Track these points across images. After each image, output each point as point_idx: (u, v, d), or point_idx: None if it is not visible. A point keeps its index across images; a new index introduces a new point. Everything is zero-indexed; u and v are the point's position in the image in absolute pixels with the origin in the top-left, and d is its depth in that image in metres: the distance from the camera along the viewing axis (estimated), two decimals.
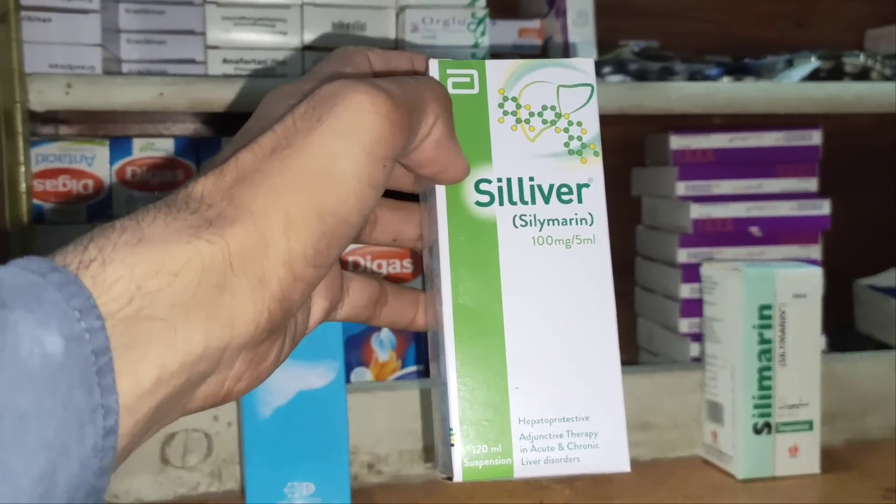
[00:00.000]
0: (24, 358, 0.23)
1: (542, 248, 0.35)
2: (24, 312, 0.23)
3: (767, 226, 0.89)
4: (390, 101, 0.30)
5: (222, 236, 0.27)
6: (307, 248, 0.29)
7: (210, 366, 0.28)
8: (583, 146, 0.36)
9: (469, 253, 0.35)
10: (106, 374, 0.24)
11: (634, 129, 0.97)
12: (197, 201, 0.28)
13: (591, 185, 0.36)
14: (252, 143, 0.30)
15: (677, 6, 1.03)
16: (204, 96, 0.72)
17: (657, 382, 0.80)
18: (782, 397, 0.76)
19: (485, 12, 0.80)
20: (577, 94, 0.37)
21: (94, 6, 0.73)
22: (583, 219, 0.35)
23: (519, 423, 0.34)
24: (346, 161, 0.29)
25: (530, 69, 0.36)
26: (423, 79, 0.34)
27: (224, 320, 0.27)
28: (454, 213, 0.35)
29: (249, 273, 0.28)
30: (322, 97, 0.30)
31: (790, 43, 1.00)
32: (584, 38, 0.86)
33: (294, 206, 0.29)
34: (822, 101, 0.84)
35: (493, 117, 0.36)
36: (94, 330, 0.24)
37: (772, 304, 0.75)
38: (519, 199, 0.35)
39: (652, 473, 0.77)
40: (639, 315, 0.99)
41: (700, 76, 0.86)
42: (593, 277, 0.35)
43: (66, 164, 0.77)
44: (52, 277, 0.24)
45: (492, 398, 0.34)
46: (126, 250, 0.26)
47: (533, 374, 0.34)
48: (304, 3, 0.79)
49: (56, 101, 0.69)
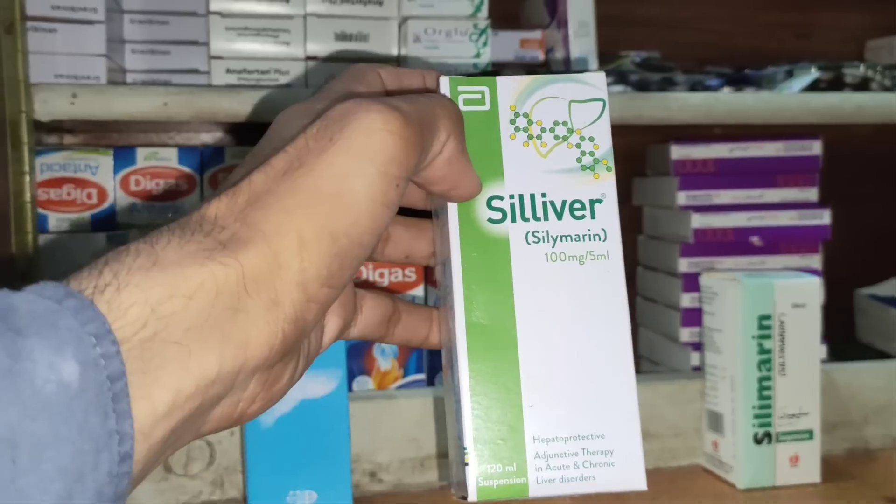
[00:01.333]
0: (40, 385, 0.23)
1: (555, 264, 0.35)
2: (40, 339, 0.23)
3: (768, 235, 0.89)
4: (403, 119, 0.30)
5: (236, 258, 0.27)
6: (321, 269, 0.29)
7: (224, 388, 0.28)
8: (595, 161, 0.36)
9: (482, 270, 0.35)
10: (121, 400, 0.24)
11: (636, 140, 0.97)
12: (210, 223, 0.28)
13: (603, 200, 0.36)
14: (265, 164, 0.30)
15: (678, 17, 1.04)
16: (207, 106, 0.73)
17: (658, 391, 0.81)
18: (782, 407, 0.76)
19: (487, 23, 0.81)
20: (589, 109, 0.36)
21: (100, 17, 0.74)
22: (596, 234, 0.35)
23: (534, 441, 0.34)
24: (359, 181, 0.29)
25: (542, 85, 0.36)
26: (435, 96, 0.34)
27: (238, 343, 0.27)
28: (466, 230, 0.35)
29: (263, 295, 0.28)
30: (334, 117, 0.30)
31: (791, 54, 1.01)
32: (586, 48, 0.87)
33: (307, 227, 0.29)
34: (823, 112, 0.85)
35: (504, 134, 0.36)
36: (109, 355, 0.24)
37: (771, 314, 0.75)
38: (531, 216, 0.35)
39: (653, 482, 0.77)
40: (640, 324, 0.99)
41: (701, 87, 0.86)
42: (607, 293, 0.35)
43: (70, 174, 0.77)
44: (68, 303, 0.24)
45: (506, 416, 0.34)
46: (141, 274, 0.26)
47: (547, 392, 0.34)
48: (307, 14, 0.80)
49: (61, 111, 0.70)
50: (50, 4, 0.73)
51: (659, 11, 1.03)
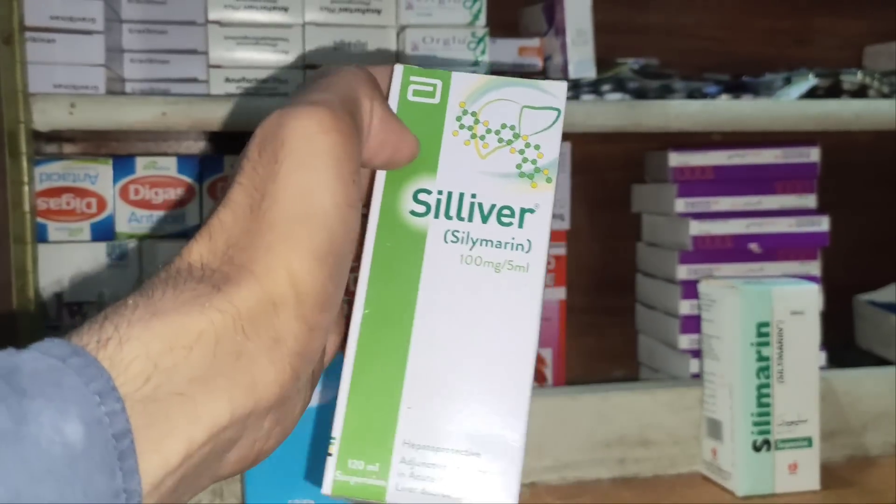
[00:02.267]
0: (45, 447, 0.23)
1: (468, 267, 0.33)
2: (44, 401, 0.23)
3: (767, 242, 0.89)
4: (330, 112, 0.30)
5: (231, 302, 0.27)
6: (317, 296, 0.29)
7: (236, 432, 0.28)
8: (536, 170, 0.34)
9: (392, 261, 0.33)
10: (128, 458, 0.24)
11: (634, 147, 0.97)
12: (199, 270, 0.28)
13: (536, 210, 0.34)
14: (227, 201, 0.30)
15: (676, 24, 1.04)
16: (206, 115, 0.73)
17: (657, 399, 0.81)
18: (781, 414, 0.76)
19: (485, 31, 0.81)
20: (542, 116, 0.35)
21: (98, 27, 0.74)
22: (519, 244, 0.34)
23: (403, 445, 0.32)
24: (320, 194, 0.29)
25: (497, 86, 0.35)
26: (343, 71, 0.33)
27: (246, 386, 0.27)
28: (386, 219, 0.34)
29: (263, 335, 0.28)
30: (267, 135, 0.30)
31: (789, 60, 1.01)
32: (584, 56, 0.87)
33: (293, 259, 0.29)
34: (821, 119, 0.85)
35: (448, 129, 0.35)
36: (114, 413, 0.24)
37: (769, 321, 0.75)
38: (455, 215, 0.34)
39: (652, 490, 0.78)
40: (639, 331, 0.99)
41: (699, 94, 0.87)
42: (518, 306, 0.33)
43: (69, 183, 0.77)
44: (73, 361, 0.24)
45: (381, 413, 0.32)
46: (141, 327, 0.26)
47: (430, 398, 0.32)
48: (305, 23, 0.80)
49: (60, 121, 0.70)
50: (49, 15, 0.73)
51: (657, 18, 1.03)
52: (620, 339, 1.01)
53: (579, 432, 0.79)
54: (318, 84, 0.32)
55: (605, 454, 0.80)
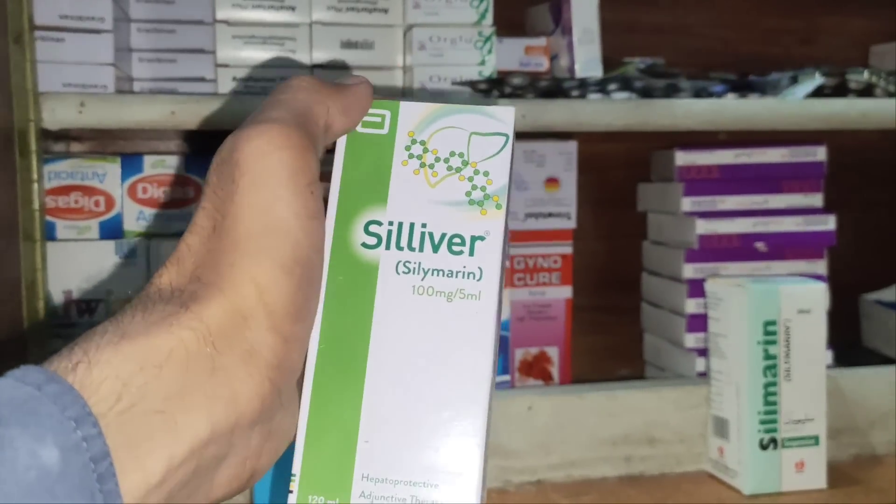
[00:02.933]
0: (21, 473, 0.23)
1: (421, 298, 0.33)
2: (20, 428, 0.23)
3: (773, 241, 0.89)
4: (281, 127, 0.30)
5: (200, 319, 0.28)
6: (287, 307, 0.29)
7: (221, 448, 0.28)
8: (485, 197, 0.34)
9: (345, 294, 0.33)
10: (107, 480, 0.24)
11: (640, 146, 0.97)
12: (168, 292, 0.29)
13: (486, 238, 0.33)
14: (192, 225, 0.30)
15: (683, 23, 1.04)
16: (214, 115, 0.73)
17: (663, 397, 0.81)
18: (788, 412, 0.76)
19: (491, 30, 0.81)
20: (490, 143, 0.34)
21: (107, 26, 0.75)
22: (471, 273, 0.33)
23: (362, 479, 0.32)
24: (278, 207, 0.30)
25: (445, 114, 0.35)
26: (290, 85, 0.33)
27: (225, 400, 0.27)
28: (338, 252, 0.33)
29: (236, 348, 0.28)
30: (224, 159, 0.31)
31: (795, 59, 1.01)
32: (590, 55, 0.87)
33: (259, 271, 0.29)
34: (827, 118, 0.85)
35: (397, 160, 0.34)
36: (90, 437, 0.24)
37: (776, 319, 0.75)
38: (406, 245, 0.33)
39: (658, 488, 0.78)
40: (645, 330, 0.99)
41: (705, 93, 0.87)
42: (472, 336, 0.33)
43: (78, 181, 0.78)
44: (49, 389, 0.24)
45: (339, 448, 0.32)
46: (110, 350, 0.26)
47: (386, 430, 0.32)
48: (312, 23, 0.80)
49: (69, 120, 0.70)
50: (58, 14, 0.73)
51: (663, 18, 1.03)
52: (626, 338, 1.01)
53: (585, 430, 0.79)
54: (269, 103, 0.32)
55: (612, 452, 0.80)
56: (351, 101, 0.34)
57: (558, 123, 0.79)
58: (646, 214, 0.99)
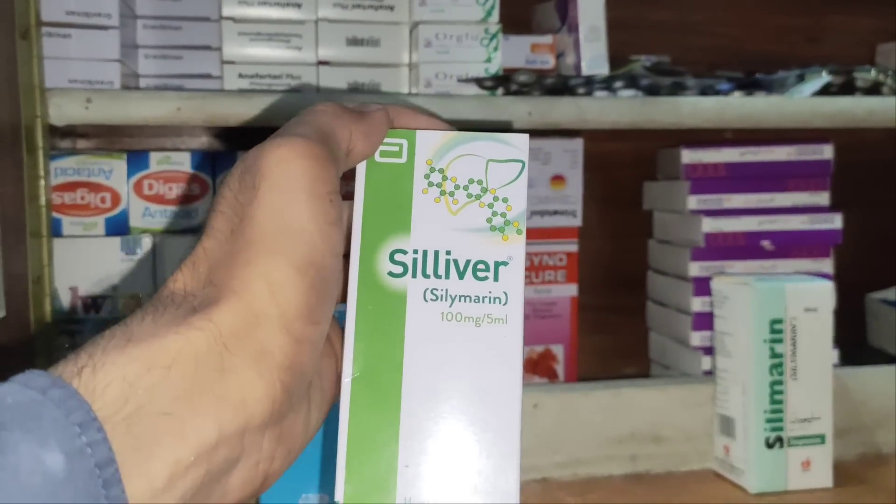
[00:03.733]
0: (24, 478, 0.23)
1: (450, 324, 0.34)
2: (24, 433, 0.23)
3: (779, 240, 0.89)
4: (305, 141, 0.31)
5: (210, 319, 0.28)
6: (300, 307, 0.29)
7: (232, 451, 0.28)
8: (506, 223, 0.35)
9: (376, 323, 0.34)
10: (113, 486, 0.24)
11: (645, 145, 0.97)
12: (181, 296, 0.29)
13: (509, 263, 0.35)
14: (209, 230, 0.30)
15: (689, 21, 1.04)
16: (220, 111, 0.73)
17: (669, 396, 0.81)
18: (794, 411, 0.76)
19: (498, 28, 0.81)
20: (507, 169, 0.35)
21: (114, 22, 0.75)
22: (497, 297, 0.34)
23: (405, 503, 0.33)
24: (296, 210, 0.30)
25: (462, 142, 0.35)
26: (315, 109, 0.34)
27: (234, 402, 0.27)
28: (365, 282, 0.34)
29: (248, 349, 0.28)
30: (248, 166, 0.31)
31: (801, 58, 1.01)
32: (597, 53, 0.87)
33: (272, 271, 0.29)
34: (834, 116, 0.85)
35: (417, 188, 0.35)
36: (95, 443, 0.24)
37: (783, 318, 0.75)
38: (433, 273, 0.34)
39: (664, 487, 0.78)
40: (651, 328, 0.99)
41: (711, 91, 0.86)
42: (502, 359, 0.34)
43: (84, 178, 0.78)
44: (53, 393, 0.24)
45: (380, 474, 0.33)
46: (116, 352, 0.26)
47: (425, 455, 0.33)
48: (318, 19, 0.80)
49: (76, 116, 0.70)
50: (65, 10, 0.73)
51: (669, 16, 1.03)
52: (631, 337, 1.01)
53: (591, 428, 0.79)
54: (293, 123, 0.33)
55: (617, 450, 0.80)
56: (371, 127, 0.34)
57: (564, 121, 0.79)
58: (651, 213, 0.99)
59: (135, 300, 0.77)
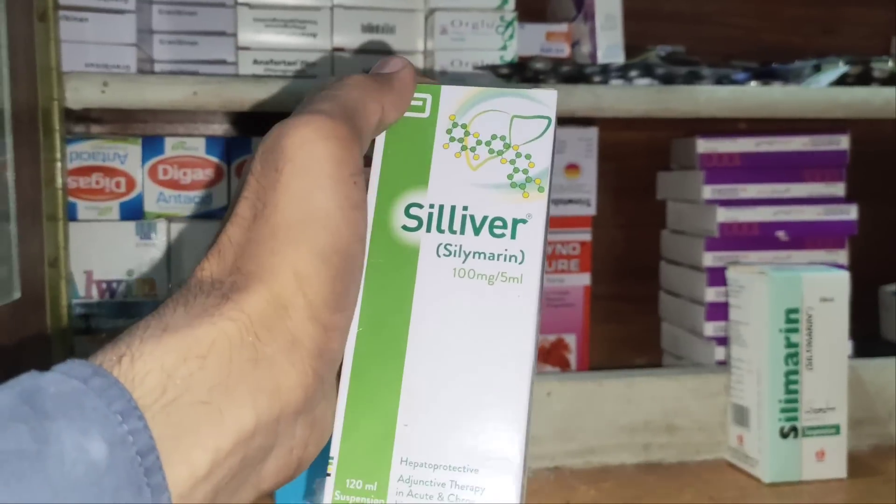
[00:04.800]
0: (69, 467, 0.23)
1: (462, 280, 0.33)
2: (67, 422, 0.23)
3: (794, 230, 0.88)
4: (328, 119, 0.30)
5: (241, 310, 0.28)
6: (327, 296, 0.29)
7: (267, 439, 0.28)
8: (527, 180, 0.34)
9: (385, 277, 0.33)
10: (154, 474, 0.24)
11: (659, 134, 0.97)
12: (209, 284, 0.29)
13: (528, 221, 0.33)
14: (233, 216, 0.30)
15: (705, 11, 1.03)
16: (236, 96, 0.73)
17: (683, 385, 0.80)
18: (809, 401, 0.76)
19: (513, 15, 0.81)
20: (532, 125, 0.34)
21: (130, 6, 0.74)
22: (513, 255, 0.33)
23: (401, 463, 0.32)
24: (320, 196, 0.29)
25: (487, 97, 0.35)
26: (343, 81, 0.33)
27: (270, 390, 0.27)
28: (378, 235, 0.33)
29: (278, 338, 0.28)
30: (269, 148, 0.30)
31: (816, 49, 1.00)
32: (612, 41, 0.87)
33: (298, 260, 0.29)
34: (850, 106, 0.84)
35: (438, 143, 0.34)
36: (136, 431, 0.24)
37: (799, 307, 0.75)
38: (448, 228, 0.33)
39: (677, 476, 0.77)
40: (663, 319, 0.99)
41: (727, 81, 0.86)
42: (513, 319, 0.32)
43: (99, 162, 0.78)
44: (94, 382, 0.24)
45: (378, 432, 0.32)
46: (153, 343, 0.26)
47: (426, 414, 0.32)
48: (333, 6, 0.80)
49: (92, 100, 0.70)
50: None
51: (685, 6, 1.03)
52: (644, 327, 1.01)
53: (605, 417, 0.79)
54: (319, 97, 0.32)
55: (631, 439, 0.79)
56: (402, 94, 0.34)
57: (580, 109, 0.79)
58: (664, 203, 0.99)
59: (149, 284, 0.77)
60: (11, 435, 0.23)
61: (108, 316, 0.76)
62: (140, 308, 0.76)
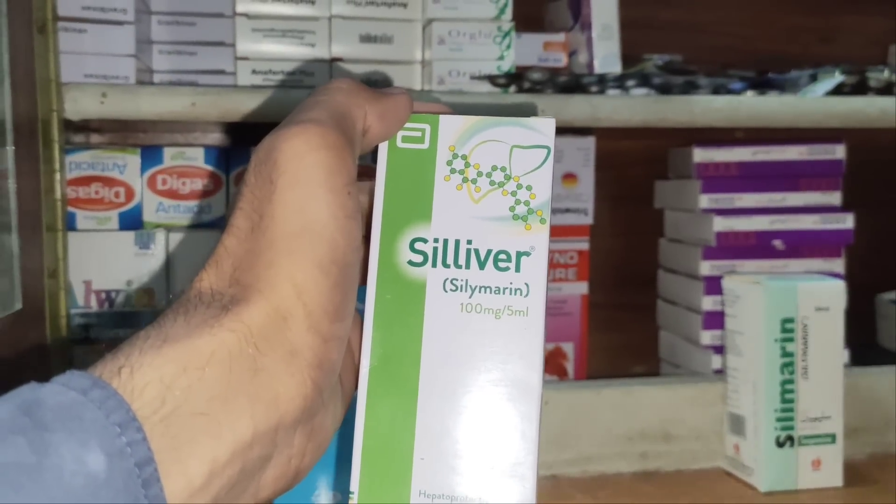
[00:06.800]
0: (67, 479, 0.23)
1: (469, 315, 0.33)
2: (66, 434, 0.24)
3: (790, 239, 0.89)
4: (319, 128, 0.30)
5: (241, 321, 0.28)
6: (325, 306, 0.29)
7: (265, 448, 0.28)
8: (529, 212, 0.34)
9: (394, 313, 0.33)
10: (152, 485, 0.24)
11: (657, 143, 0.97)
12: (209, 296, 0.29)
13: (531, 253, 0.33)
14: (230, 227, 0.30)
15: (701, 21, 1.04)
16: (234, 107, 0.73)
17: (679, 394, 0.81)
18: (805, 410, 0.76)
19: (510, 25, 0.81)
20: (532, 155, 0.34)
21: (129, 17, 0.75)
22: (518, 289, 0.33)
23: (419, 495, 0.32)
24: (315, 206, 0.30)
25: (485, 127, 0.34)
26: (330, 87, 0.33)
27: (268, 401, 0.28)
28: (385, 271, 0.34)
29: (277, 349, 0.28)
30: (261, 159, 0.31)
31: (814, 58, 1.00)
32: (609, 51, 0.87)
33: (296, 271, 0.29)
34: (846, 116, 0.85)
35: (439, 175, 0.34)
36: (135, 443, 0.24)
37: (794, 317, 0.75)
38: (453, 263, 0.33)
39: (674, 485, 0.78)
40: (661, 327, 0.99)
41: (724, 90, 0.86)
42: (521, 352, 0.33)
43: (98, 172, 0.78)
44: (93, 394, 0.25)
45: (395, 466, 0.32)
46: (152, 353, 0.26)
47: (441, 447, 0.32)
48: (332, 16, 0.81)
49: (91, 110, 0.71)
50: (80, 5, 0.74)
51: (681, 15, 1.03)
52: (641, 335, 1.01)
53: (601, 426, 0.79)
54: (307, 104, 0.32)
55: (627, 448, 0.80)
56: (388, 108, 0.34)
57: (577, 119, 0.79)
58: (662, 211, 0.99)
59: (148, 294, 0.77)
60: (10, 447, 0.23)
61: (107, 326, 0.76)
62: (139, 318, 0.76)
